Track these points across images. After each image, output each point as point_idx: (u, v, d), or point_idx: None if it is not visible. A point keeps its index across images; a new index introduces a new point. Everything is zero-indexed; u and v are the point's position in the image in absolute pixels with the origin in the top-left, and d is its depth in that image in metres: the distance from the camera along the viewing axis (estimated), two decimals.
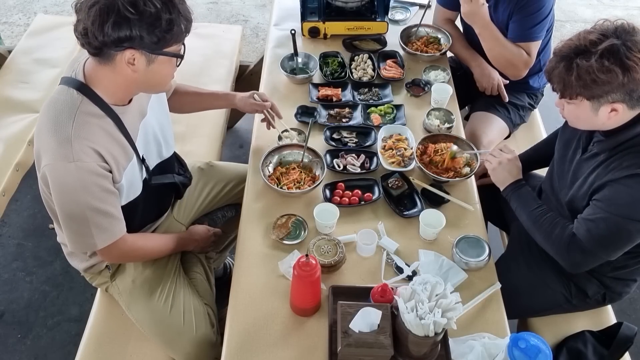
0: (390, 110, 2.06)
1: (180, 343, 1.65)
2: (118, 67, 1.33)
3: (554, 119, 1.75)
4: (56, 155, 1.33)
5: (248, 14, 4.14)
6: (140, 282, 1.68)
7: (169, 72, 1.41)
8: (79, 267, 1.72)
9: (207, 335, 1.68)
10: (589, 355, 1.63)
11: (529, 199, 1.62)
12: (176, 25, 1.30)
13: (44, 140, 1.36)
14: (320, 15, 2.36)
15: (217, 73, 2.72)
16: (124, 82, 1.37)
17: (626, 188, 1.39)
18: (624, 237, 1.44)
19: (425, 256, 1.60)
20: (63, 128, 1.33)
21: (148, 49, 1.30)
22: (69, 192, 1.36)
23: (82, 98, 1.36)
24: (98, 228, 1.42)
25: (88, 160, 1.34)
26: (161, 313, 1.65)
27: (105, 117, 1.40)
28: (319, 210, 1.65)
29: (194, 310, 1.69)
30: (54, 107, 1.37)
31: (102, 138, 1.39)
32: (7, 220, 2.64)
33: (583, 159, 1.55)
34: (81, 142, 1.33)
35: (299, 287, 1.41)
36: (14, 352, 2.22)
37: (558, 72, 1.38)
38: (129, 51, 1.29)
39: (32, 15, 3.95)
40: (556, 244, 1.52)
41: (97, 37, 1.26)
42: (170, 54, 1.35)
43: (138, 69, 1.33)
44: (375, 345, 1.25)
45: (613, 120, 1.41)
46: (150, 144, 1.60)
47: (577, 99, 1.39)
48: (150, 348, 1.68)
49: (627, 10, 4.19)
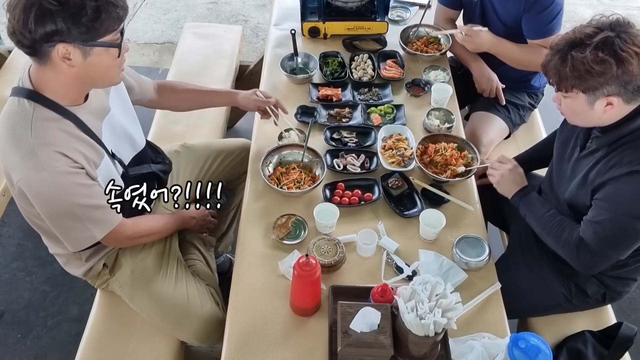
0: (390, 110, 2.06)
1: (188, 321, 1.65)
2: (57, 65, 1.29)
3: (554, 119, 1.75)
4: (24, 169, 1.31)
5: (248, 14, 4.14)
6: (140, 271, 1.68)
7: (110, 63, 1.35)
8: (77, 273, 1.72)
9: (214, 311, 1.68)
10: (589, 355, 1.63)
11: (537, 204, 1.62)
12: (104, 12, 1.25)
13: (8, 157, 1.33)
14: (320, 15, 2.35)
15: (217, 73, 2.72)
16: (68, 80, 1.34)
17: (628, 186, 1.39)
18: (631, 235, 1.44)
19: (425, 256, 1.60)
20: (23, 140, 1.31)
21: (80, 41, 1.26)
22: (51, 199, 1.35)
23: (34, 106, 1.33)
24: (92, 222, 1.43)
25: (57, 164, 1.32)
26: (164, 295, 1.66)
27: (62, 119, 1.36)
28: (319, 210, 1.65)
29: (196, 289, 1.70)
30: (8, 120, 1.34)
31: (65, 140, 1.35)
32: (7, 220, 2.64)
33: (581, 156, 1.55)
34: (45, 148, 1.31)
35: (299, 287, 1.41)
36: (14, 352, 2.22)
37: (553, 64, 1.39)
38: (61, 45, 1.25)
39: None
40: (566, 247, 1.53)
41: (25, 35, 1.23)
42: (106, 44, 1.30)
43: (75, 63, 1.29)
44: (375, 345, 1.25)
45: (609, 115, 1.41)
46: (120, 138, 1.58)
47: (572, 92, 1.40)
48: (150, 348, 1.68)
49: (627, 10, 4.19)
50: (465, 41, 2.16)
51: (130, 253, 1.70)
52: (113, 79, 1.44)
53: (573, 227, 1.52)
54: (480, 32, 2.10)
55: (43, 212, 1.40)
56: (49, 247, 1.70)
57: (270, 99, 1.91)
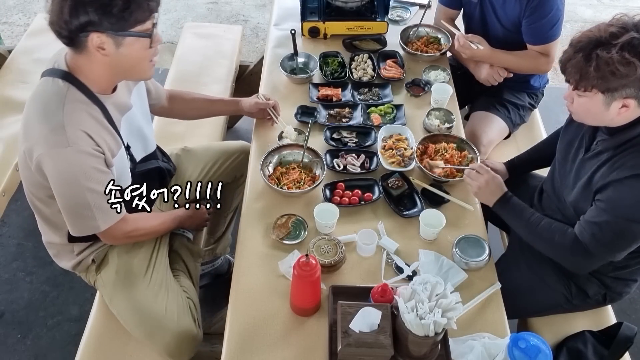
0: (390, 110, 2.06)
1: (161, 333, 1.63)
2: (92, 54, 1.35)
3: (554, 119, 1.75)
4: (50, 143, 1.35)
5: (248, 14, 4.14)
6: (124, 273, 1.68)
7: (141, 54, 1.40)
8: (67, 266, 1.73)
9: (189, 326, 1.67)
10: (589, 355, 1.63)
11: (520, 209, 1.61)
12: (134, 3, 1.30)
13: (35, 131, 1.37)
14: (320, 15, 2.35)
15: (217, 73, 2.71)
16: (101, 69, 1.39)
17: (630, 189, 1.39)
18: (628, 239, 1.44)
19: (425, 256, 1.60)
20: (54, 115, 1.35)
21: (111, 31, 1.31)
22: (68, 177, 1.38)
23: (68, 86, 1.39)
24: (100, 210, 1.45)
25: (82, 143, 1.37)
26: (142, 302, 1.65)
27: (91, 104, 1.42)
28: (319, 210, 1.65)
29: (176, 302, 1.68)
30: (41, 97, 1.40)
31: (92, 124, 1.41)
32: (7, 220, 2.64)
33: (586, 157, 1.54)
34: (74, 127, 1.35)
35: (299, 287, 1.41)
36: (14, 352, 2.22)
37: (576, 62, 1.36)
38: (95, 35, 1.31)
39: (32, 15, 3.95)
40: (559, 250, 1.52)
41: (62, 25, 1.30)
42: (136, 34, 1.35)
43: (109, 52, 1.35)
44: (375, 345, 1.25)
45: (622, 117, 1.40)
46: (135, 136, 1.61)
47: (590, 92, 1.37)
48: (150, 347, 1.68)
49: (627, 10, 4.19)
50: (460, 51, 2.20)
51: (118, 252, 1.70)
52: (145, 72, 1.48)
53: (564, 229, 1.52)
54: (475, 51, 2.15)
55: (56, 189, 1.42)
56: (44, 234, 1.70)
57: (270, 101, 1.96)
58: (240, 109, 1.98)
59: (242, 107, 1.97)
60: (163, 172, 1.77)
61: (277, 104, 1.97)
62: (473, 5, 2.23)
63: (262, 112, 1.97)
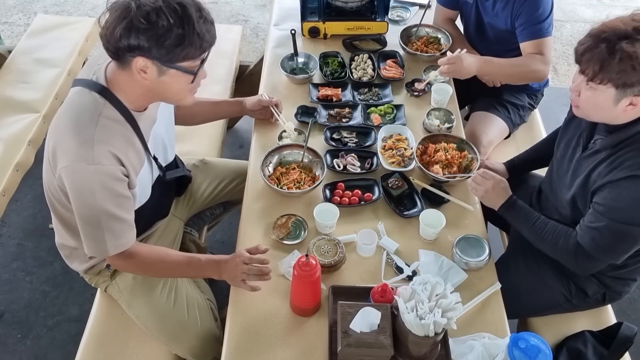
0: (390, 110, 2.06)
1: (185, 337, 1.64)
2: (133, 74, 1.34)
3: (554, 119, 1.75)
4: (75, 157, 1.33)
5: (248, 14, 4.14)
6: (142, 278, 1.67)
7: (181, 87, 1.39)
8: (78, 269, 1.72)
9: (212, 328, 1.69)
10: (589, 355, 1.63)
11: (525, 213, 1.62)
12: (187, 41, 1.29)
13: (64, 141, 1.35)
14: (320, 15, 2.36)
15: (217, 73, 2.71)
16: (140, 89, 1.38)
17: (627, 191, 1.39)
18: (628, 241, 1.45)
19: (425, 256, 1.60)
20: (85, 130, 1.33)
21: (158, 60, 1.30)
22: (86, 194, 1.36)
23: (104, 102, 1.37)
24: (112, 234, 1.42)
25: (107, 163, 1.34)
26: (164, 307, 1.65)
27: (125, 123, 1.41)
28: (319, 210, 1.65)
29: (197, 304, 1.69)
30: (76, 108, 1.38)
31: (122, 144, 1.39)
32: (7, 220, 2.64)
33: (583, 156, 1.54)
34: (103, 146, 1.33)
35: (299, 287, 1.41)
36: (14, 352, 2.22)
37: (598, 52, 1.32)
38: (140, 59, 1.30)
39: (32, 15, 3.95)
40: (563, 253, 1.53)
41: (111, 41, 1.28)
42: (182, 69, 1.34)
43: (149, 77, 1.34)
44: (375, 345, 1.25)
45: (627, 114, 1.39)
46: (158, 148, 1.61)
47: (604, 85, 1.35)
48: (150, 348, 1.68)
49: (627, 10, 4.18)
50: (451, 71, 2.01)
51: None
52: (183, 100, 1.46)
53: (567, 233, 1.52)
54: (461, 56, 2.00)
55: (74, 204, 1.40)
56: (59, 236, 1.67)
57: (272, 99, 1.97)
58: (244, 108, 1.98)
59: (245, 107, 1.97)
60: (184, 181, 1.76)
61: (279, 102, 1.98)
62: (469, 6, 2.23)
63: (264, 111, 1.97)
